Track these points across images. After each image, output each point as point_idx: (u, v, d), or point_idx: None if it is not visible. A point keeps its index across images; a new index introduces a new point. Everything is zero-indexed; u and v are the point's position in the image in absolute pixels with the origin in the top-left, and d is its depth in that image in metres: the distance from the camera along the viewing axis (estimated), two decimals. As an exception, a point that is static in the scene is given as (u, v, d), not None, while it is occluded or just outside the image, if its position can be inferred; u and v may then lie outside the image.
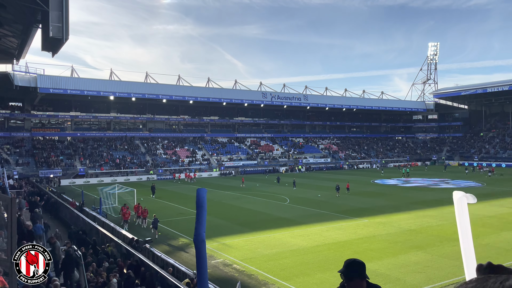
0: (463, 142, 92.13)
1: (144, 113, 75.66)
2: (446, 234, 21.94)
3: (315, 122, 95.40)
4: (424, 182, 50.85)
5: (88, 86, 62.09)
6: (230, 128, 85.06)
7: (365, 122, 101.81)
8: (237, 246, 20.34)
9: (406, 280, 14.89)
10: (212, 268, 16.69)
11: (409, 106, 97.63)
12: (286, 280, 15.27)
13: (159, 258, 16.16)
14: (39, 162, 57.49)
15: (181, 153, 70.93)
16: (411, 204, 32.86)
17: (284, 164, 74.88)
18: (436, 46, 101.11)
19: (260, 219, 27.52)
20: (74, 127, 69.65)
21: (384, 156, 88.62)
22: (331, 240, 21.24)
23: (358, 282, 3.20)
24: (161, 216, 28.02)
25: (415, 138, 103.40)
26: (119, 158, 64.16)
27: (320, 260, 17.71)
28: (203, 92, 73.58)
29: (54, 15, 13.71)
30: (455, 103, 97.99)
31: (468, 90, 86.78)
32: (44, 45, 15.14)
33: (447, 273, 15.46)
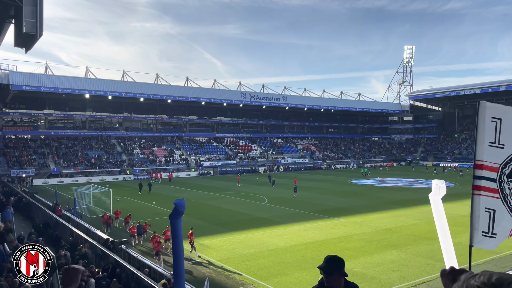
0: (437, 143, 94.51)
1: (121, 112, 74.41)
2: (420, 233, 22.46)
3: (294, 123, 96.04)
4: (399, 182, 51.94)
5: (62, 84, 60.65)
6: (208, 128, 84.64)
7: (342, 123, 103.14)
8: (215, 247, 20.28)
9: (382, 279, 15.16)
10: (189, 268, 16.58)
11: (385, 107, 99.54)
12: (264, 280, 15.31)
13: (135, 259, 15.95)
14: (11, 161, 55.79)
15: (158, 152, 70.13)
16: (387, 203, 33.48)
17: (263, 164, 75.05)
18: (411, 49, 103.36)
19: (239, 219, 27.51)
20: (48, 126, 67.87)
21: (361, 156, 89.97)
22: (308, 239, 21.42)
23: (337, 278, 3.25)
24: (138, 216, 27.65)
25: (391, 139, 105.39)
26: (94, 158, 62.90)
27: (298, 259, 17.83)
28: (182, 91, 72.97)
29: (27, 10, 13.34)
30: (429, 105, 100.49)
31: (442, 92, 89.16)
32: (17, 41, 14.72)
33: (421, 271, 15.83)
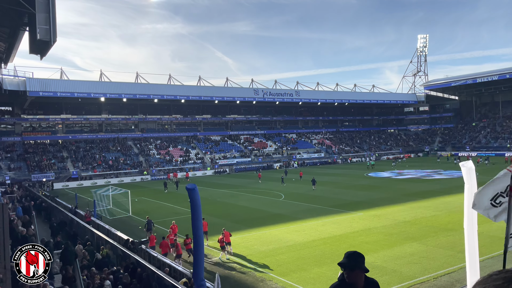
0: (454, 133, 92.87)
1: (136, 113, 75.22)
2: (440, 224, 22.13)
3: (308, 118, 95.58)
4: (417, 173, 51.19)
5: (78, 88, 61.62)
6: (223, 126, 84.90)
7: (357, 116, 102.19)
8: (233, 244, 20.33)
9: (402, 272, 15.00)
10: (208, 266, 16.68)
11: (400, 98, 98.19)
12: (283, 276, 15.31)
13: (156, 259, 16.12)
14: (31, 166, 56.99)
15: (174, 152, 70.70)
16: (405, 196, 33.07)
17: (278, 160, 74.95)
18: (425, 38, 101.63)
19: (256, 216, 27.55)
20: (66, 130, 69.07)
21: (377, 149, 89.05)
22: (326, 234, 21.33)
23: (359, 273, 3.24)
24: (156, 216, 27.95)
25: (407, 130, 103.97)
26: (112, 160, 63.79)
27: (317, 254, 17.77)
28: (195, 91, 73.34)
29: (41, 17, 13.53)
30: (445, 94, 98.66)
31: (458, 81, 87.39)
32: (32, 48, 14.96)
33: (442, 263, 15.61)
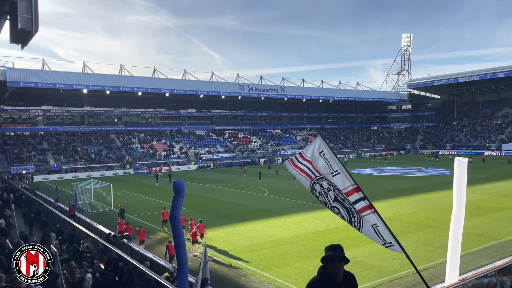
0: (435, 131, 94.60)
1: (119, 106, 74.25)
2: (420, 221, 22.57)
3: (293, 114, 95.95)
4: (399, 171, 52.05)
5: (60, 79, 60.43)
6: (207, 121, 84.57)
7: (341, 113, 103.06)
8: (217, 239, 20.38)
9: (383, 267, 15.27)
10: (191, 261, 16.68)
11: (384, 96, 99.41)
12: (265, 271, 15.42)
13: (138, 253, 16.04)
14: (11, 158, 55.81)
15: (158, 146, 70.14)
16: (386, 192, 33.59)
17: (262, 156, 75.14)
18: (409, 37, 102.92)
19: (239, 211, 27.62)
20: (47, 122, 67.76)
21: (360, 146, 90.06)
22: (309, 229, 21.53)
23: (337, 265, 3.45)
24: (139, 210, 27.77)
25: (390, 128, 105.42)
26: (94, 153, 62.92)
27: (299, 249, 17.95)
28: (180, 85, 72.77)
29: (22, 6, 13.25)
30: (428, 93, 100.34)
31: (441, 80, 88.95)
32: (12, 37, 14.65)
33: (421, 259, 15.95)
